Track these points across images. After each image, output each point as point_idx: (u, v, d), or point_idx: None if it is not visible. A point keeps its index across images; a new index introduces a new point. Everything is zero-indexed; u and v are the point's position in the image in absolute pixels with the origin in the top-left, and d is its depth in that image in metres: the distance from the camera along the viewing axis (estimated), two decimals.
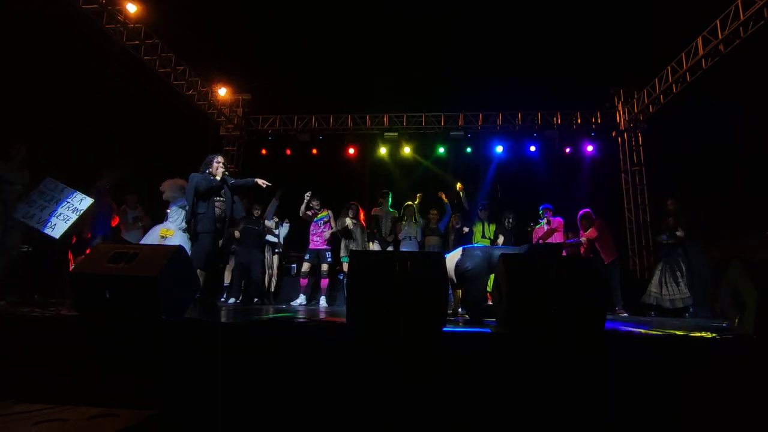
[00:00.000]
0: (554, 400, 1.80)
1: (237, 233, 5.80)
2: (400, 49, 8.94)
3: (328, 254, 5.97)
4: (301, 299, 6.02)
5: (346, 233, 5.95)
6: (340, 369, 1.90)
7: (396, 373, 1.87)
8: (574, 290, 2.18)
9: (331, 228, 5.99)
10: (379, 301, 2.20)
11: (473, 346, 2.00)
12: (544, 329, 2.12)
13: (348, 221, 5.84)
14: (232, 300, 5.91)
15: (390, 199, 6.34)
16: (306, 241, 6.12)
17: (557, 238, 6.00)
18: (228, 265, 6.23)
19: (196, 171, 4.13)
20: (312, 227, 5.98)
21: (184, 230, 5.02)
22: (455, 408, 1.80)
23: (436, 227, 6.27)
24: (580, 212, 5.89)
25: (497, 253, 3.66)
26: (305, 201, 5.90)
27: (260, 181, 4.26)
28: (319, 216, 5.96)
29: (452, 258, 3.83)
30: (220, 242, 4.27)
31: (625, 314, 5.36)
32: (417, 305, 2.19)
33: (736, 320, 2.39)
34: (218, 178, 4.04)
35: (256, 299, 5.95)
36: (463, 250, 3.84)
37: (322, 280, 6.00)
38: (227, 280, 6.22)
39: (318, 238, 5.96)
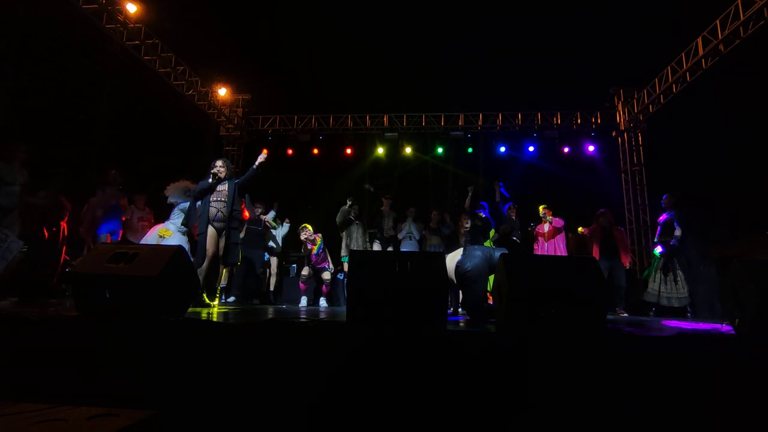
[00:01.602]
0: (555, 399, 1.80)
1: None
2: (400, 48, 8.95)
3: (327, 266, 5.98)
4: (303, 301, 6.02)
5: (345, 224, 5.94)
6: (340, 369, 1.89)
7: (397, 373, 1.87)
8: (575, 290, 2.18)
9: (329, 263, 6.01)
10: (379, 301, 2.20)
11: (474, 346, 2.00)
12: (545, 329, 2.13)
13: (348, 210, 5.84)
14: (231, 299, 5.92)
15: (391, 200, 6.36)
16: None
17: (560, 238, 5.99)
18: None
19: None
20: (313, 258, 5.95)
21: (184, 232, 5.03)
22: (456, 408, 1.80)
23: (437, 227, 6.28)
24: (601, 210, 5.84)
25: (497, 253, 3.66)
26: (304, 244, 5.90)
27: (259, 159, 4.17)
28: (316, 247, 5.93)
29: (452, 258, 3.82)
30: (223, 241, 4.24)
31: (626, 314, 5.35)
32: (417, 305, 2.19)
33: (736, 320, 2.39)
34: (210, 180, 4.06)
35: (255, 300, 5.95)
36: (464, 250, 3.83)
37: (324, 286, 6.02)
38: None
39: (317, 258, 5.94)
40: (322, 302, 6.04)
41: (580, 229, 5.83)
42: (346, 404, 1.81)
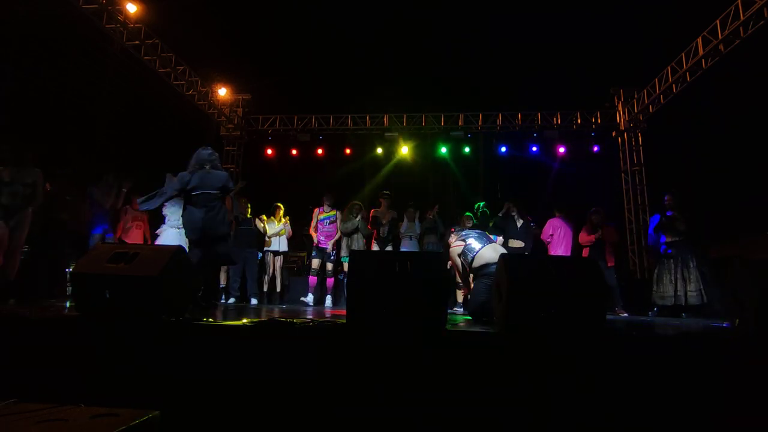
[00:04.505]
0: (555, 399, 1.80)
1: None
2: (400, 48, 8.95)
3: (332, 254, 6.01)
4: (309, 298, 6.02)
5: (351, 233, 5.96)
6: (340, 369, 1.90)
7: (398, 373, 1.87)
8: (574, 290, 2.18)
9: (337, 229, 6.03)
10: (379, 301, 2.20)
11: (474, 345, 2.00)
12: (545, 329, 2.13)
13: (358, 222, 5.89)
14: (231, 300, 5.91)
15: (389, 199, 6.36)
16: (300, 241, 6.15)
17: (563, 240, 6.00)
18: (223, 267, 6.21)
19: None
20: (318, 225, 6.00)
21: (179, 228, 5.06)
22: (456, 407, 1.80)
23: (434, 226, 6.27)
24: (593, 208, 5.86)
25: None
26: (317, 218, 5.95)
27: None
28: (325, 215, 5.97)
29: (493, 250, 3.53)
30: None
31: (625, 314, 5.35)
32: (417, 305, 2.19)
33: (736, 320, 2.39)
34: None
35: (254, 300, 5.95)
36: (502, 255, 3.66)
37: (327, 279, 6.03)
38: (223, 282, 6.21)
39: (323, 236, 5.98)
40: (328, 301, 6.05)
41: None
42: (346, 404, 1.81)
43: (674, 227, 5.29)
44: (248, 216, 6.12)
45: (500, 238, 5.52)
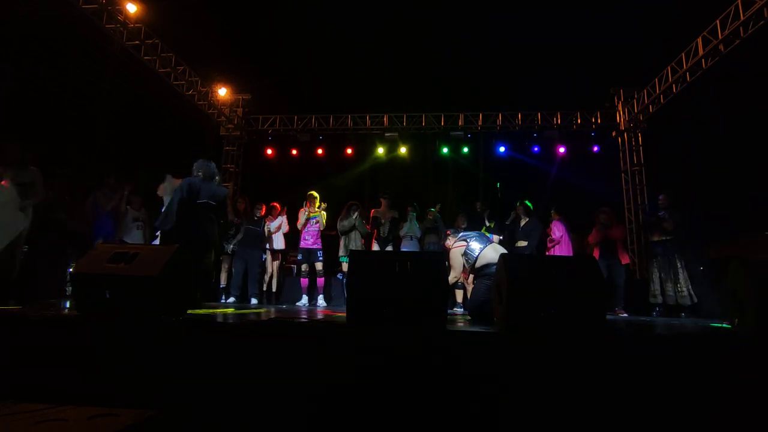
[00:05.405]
0: (554, 399, 1.80)
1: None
2: (400, 48, 8.95)
3: (319, 253, 5.94)
4: (304, 300, 6.02)
5: (348, 231, 5.95)
6: (340, 369, 1.89)
7: (397, 373, 1.87)
8: (574, 290, 2.18)
9: (321, 226, 6.01)
10: (379, 301, 2.20)
11: (474, 345, 2.00)
12: (545, 329, 2.13)
13: (354, 221, 5.88)
14: (231, 299, 5.92)
15: (389, 199, 6.35)
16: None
17: (565, 241, 6.00)
18: (224, 266, 6.23)
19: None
20: (306, 224, 5.98)
21: None
22: (456, 407, 1.80)
23: (435, 226, 6.27)
24: (601, 208, 5.88)
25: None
26: (304, 216, 5.93)
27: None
28: (313, 214, 5.94)
29: (495, 250, 3.53)
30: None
31: (625, 314, 5.35)
32: (417, 305, 2.20)
33: (736, 320, 2.39)
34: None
35: (254, 300, 5.95)
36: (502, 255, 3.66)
37: (318, 279, 6.00)
38: (223, 282, 6.22)
39: (309, 237, 5.94)
40: (320, 300, 6.03)
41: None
42: (346, 404, 1.81)
43: (661, 227, 5.31)
44: (258, 217, 6.13)
45: (496, 237, 5.55)
